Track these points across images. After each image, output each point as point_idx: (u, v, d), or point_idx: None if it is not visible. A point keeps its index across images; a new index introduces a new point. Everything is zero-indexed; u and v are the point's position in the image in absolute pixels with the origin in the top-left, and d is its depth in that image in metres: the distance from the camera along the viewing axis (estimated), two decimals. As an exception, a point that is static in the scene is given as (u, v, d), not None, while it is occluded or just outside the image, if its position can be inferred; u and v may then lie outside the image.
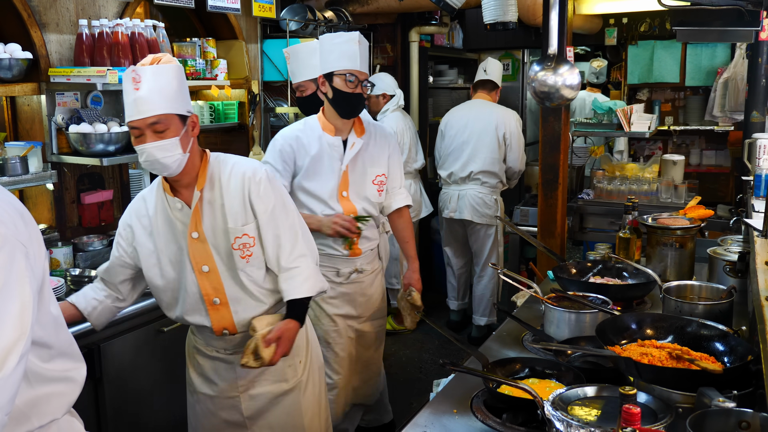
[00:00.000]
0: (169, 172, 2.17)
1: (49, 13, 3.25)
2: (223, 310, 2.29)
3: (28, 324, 1.27)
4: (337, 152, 3.04)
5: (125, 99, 2.12)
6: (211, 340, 2.39)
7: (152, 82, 2.07)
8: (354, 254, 3.12)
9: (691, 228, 2.95)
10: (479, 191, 5.04)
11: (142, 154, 2.13)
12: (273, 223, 2.29)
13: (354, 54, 2.92)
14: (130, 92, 2.09)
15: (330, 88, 2.96)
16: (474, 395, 1.99)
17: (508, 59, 7.25)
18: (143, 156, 2.13)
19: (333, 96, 2.96)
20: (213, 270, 2.27)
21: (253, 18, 4.53)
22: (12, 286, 1.26)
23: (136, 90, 2.07)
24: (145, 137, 2.11)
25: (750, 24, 4.21)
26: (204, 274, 2.27)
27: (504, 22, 4.15)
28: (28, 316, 1.27)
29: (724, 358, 1.91)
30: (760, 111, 5.14)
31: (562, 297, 2.46)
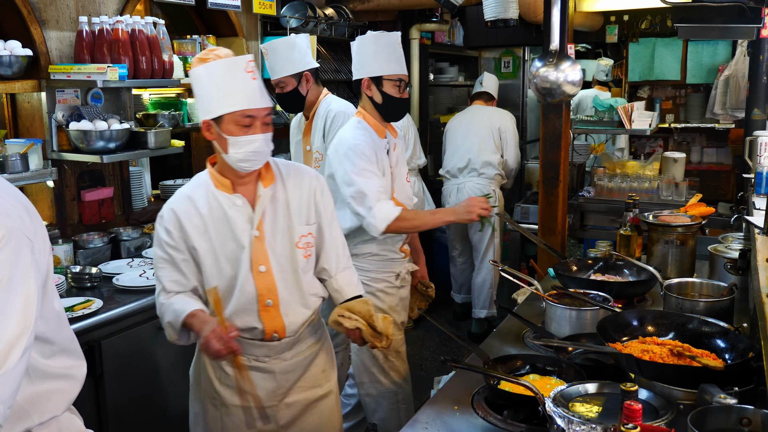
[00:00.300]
0: (260, 165, 2.15)
1: (49, 10, 3.25)
2: (273, 312, 2.23)
3: (32, 318, 1.27)
4: (385, 155, 3.00)
5: (232, 86, 2.04)
6: (251, 348, 2.25)
7: (258, 75, 2.10)
8: (407, 255, 3.15)
9: (692, 225, 2.95)
10: (477, 182, 5.19)
11: (251, 144, 2.07)
12: (334, 224, 2.34)
13: (401, 57, 2.95)
14: (246, 80, 2.05)
15: (378, 93, 2.92)
16: (475, 392, 1.99)
17: (509, 57, 7.24)
18: (253, 146, 2.07)
19: (382, 101, 2.92)
20: (268, 270, 2.21)
21: (254, 15, 4.52)
22: (17, 280, 1.26)
23: (254, 80, 2.07)
24: (254, 128, 2.07)
25: (751, 21, 4.21)
26: (261, 274, 2.20)
27: (505, 19, 4.15)
28: (32, 310, 1.27)
29: (725, 355, 1.91)
30: (761, 108, 5.14)
31: (563, 294, 2.46)
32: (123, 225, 3.68)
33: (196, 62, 2.11)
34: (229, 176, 2.17)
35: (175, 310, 2.15)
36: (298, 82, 3.39)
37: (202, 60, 2.10)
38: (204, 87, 2.08)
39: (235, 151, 2.07)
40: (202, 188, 2.19)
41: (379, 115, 2.97)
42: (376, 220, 2.84)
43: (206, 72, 2.06)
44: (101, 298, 2.87)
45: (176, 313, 2.14)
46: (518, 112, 7.20)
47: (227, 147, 2.08)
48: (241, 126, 2.05)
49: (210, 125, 2.09)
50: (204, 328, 2.07)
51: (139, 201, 3.88)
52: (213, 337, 2.04)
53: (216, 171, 2.19)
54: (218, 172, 2.19)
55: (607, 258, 2.92)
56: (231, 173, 2.16)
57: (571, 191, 4.76)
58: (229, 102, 2.04)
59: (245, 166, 2.11)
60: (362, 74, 2.94)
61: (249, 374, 2.24)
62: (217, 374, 2.29)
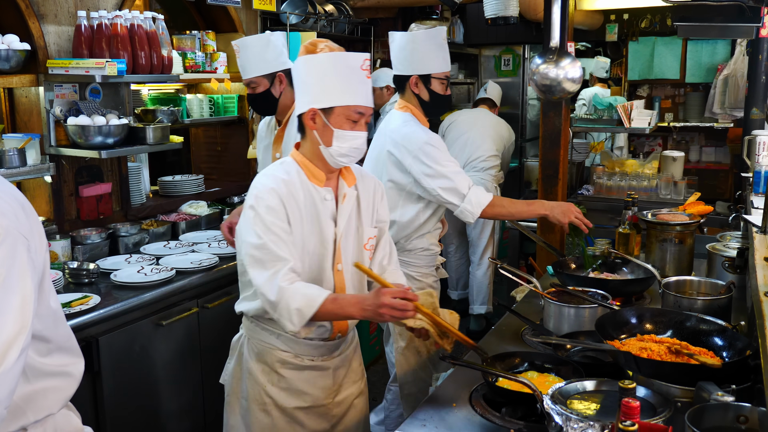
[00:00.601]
0: (355, 161, 2.15)
1: (47, 4, 3.24)
2: None
3: (29, 318, 1.26)
4: None
5: (350, 81, 2.04)
6: (311, 349, 2.21)
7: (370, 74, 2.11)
8: (441, 247, 3.23)
9: (691, 224, 2.95)
10: (479, 177, 5.16)
11: (356, 140, 2.07)
12: (387, 226, 2.36)
13: (447, 54, 2.98)
14: (361, 78, 2.05)
15: (426, 90, 2.98)
16: (473, 389, 1.98)
17: (509, 54, 7.23)
18: (357, 142, 2.07)
19: (429, 98, 2.99)
20: (342, 269, 2.19)
21: (254, 11, 4.51)
22: (13, 280, 1.25)
23: (368, 78, 2.07)
24: (360, 125, 2.08)
25: (751, 20, 4.21)
26: (338, 273, 2.18)
27: (505, 17, 4.16)
28: (29, 309, 1.27)
29: (722, 353, 1.91)
30: (759, 108, 5.14)
31: (561, 292, 2.46)
32: (121, 221, 3.67)
33: (308, 49, 2.12)
34: (321, 169, 2.13)
35: (306, 294, 2.00)
36: (271, 83, 3.15)
37: (314, 49, 2.09)
38: (319, 76, 2.05)
39: (339, 145, 2.06)
40: (294, 176, 2.11)
41: (422, 112, 3.03)
42: (472, 206, 2.92)
43: (327, 61, 2.04)
44: (99, 294, 2.87)
45: (309, 298, 1.99)
46: (518, 110, 7.20)
47: (332, 139, 2.06)
48: (350, 121, 2.05)
49: (317, 114, 2.06)
50: (367, 300, 1.97)
51: (138, 197, 3.87)
52: (387, 294, 1.94)
53: (307, 161, 2.14)
54: (314, 167, 2.13)
55: (606, 256, 2.93)
56: (323, 166, 2.13)
57: (570, 189, 4.77)
58: (346, 96, 2.04)
59: (343, 161, 2.10)
60: (410, 71, 2.98)
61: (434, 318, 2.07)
62: (270, 378, 2.20)
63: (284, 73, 3.14)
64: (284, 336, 2.17)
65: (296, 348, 2.19)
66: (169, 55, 3.49)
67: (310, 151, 2.13)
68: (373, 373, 4.37)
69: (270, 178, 2.10)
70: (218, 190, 4.40)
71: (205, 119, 4.29)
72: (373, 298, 1.96)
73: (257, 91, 3.15)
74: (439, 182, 2.92)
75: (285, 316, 1.99)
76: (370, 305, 1.96)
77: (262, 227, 2.02)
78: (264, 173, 2.14)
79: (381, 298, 1.94)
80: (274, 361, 2.20)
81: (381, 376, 4.24)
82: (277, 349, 2.20)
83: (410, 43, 2.96)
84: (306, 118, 2.08)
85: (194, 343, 3.16)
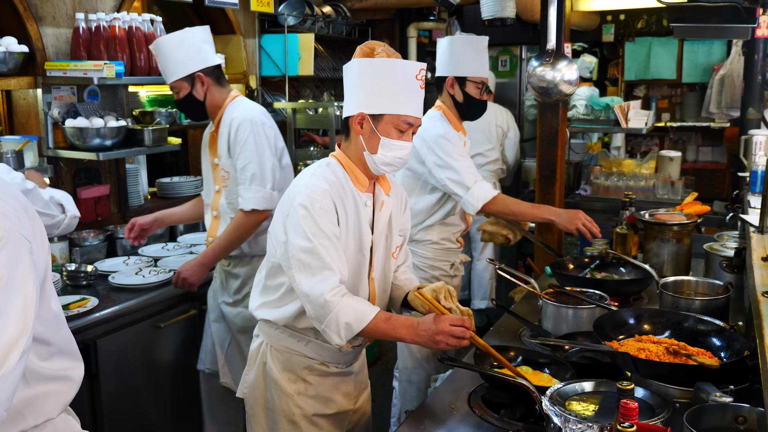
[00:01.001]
0: (397, 171, 2.13)
1: (45, 6, 3.24)
2: None
3: (31, 320, 1.26)
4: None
5: (405, 89, 2.00)
6: (338, 356, 2.16)
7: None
8: (461, 245, 3.30)
9: (688, 224, 2.96)
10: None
11: (402, 150, 2.03)
12: (408, 236, 2.35)
13: (486, 61, 3.08)
14: (414, 88, 2.01)
15: (461, 92, 3.07)
16: (472, 391, 1.99)
17: (506, 55, 7.23)
18: (403, 152, 2.03)
19: (463, 100, 3.08)
20: (374, 277, 2.17)
21: (251, 13, 4.51)
22: (15, 282, 1.25)
23: (422, 89, 2.03)
24: (407, 136, 2.04)
25: (746, 21, 4.22)
26: (372, 281, 2.16)
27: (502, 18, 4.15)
28: (31, 312, 1.26)
29: (720, 354, 1.92)
30: (756, 107, 5.15)
31: (559, 292, 2.46)
32: (119, 223, 3.67)
33: (365, 53, 2.06)
34: (364, 174, 2.10)
35: (357, 309, 1.94)
36: (192, 86, 2.89)
37: (370, 53, 2.04)
38: (373, 80, 2.00)
39: (384, 153, 2.02)
40: (340, 177, 2.06)
41: (457, 113, 3.13)
42: (474, 199, 2.99)
43: (383, 67, 1.99)
44: (97, 296, 2.86)
45: (359, 314, 1.93)
46: (516, 110, 7.20)
47: (377, 147, 2.02)
48: (397, 130, 2.02)
49: (365, 119, 2.02)
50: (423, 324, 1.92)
51: (136, 199, 3.87)
52: (446, 320, 1.90)
53: (352, 164, 2.09)
54: (359, 171, 2.09)
55: (603, 256, 2.93)
56: (366, 171, 2.09)
57: (567, 189, 4.77)
58: (400, 104, 2.00)
59: (386, 169, 2.06)
60: (447, 72, 3.09)
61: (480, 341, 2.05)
62: (297, 387, 2.14)
63: (205, 72, 2.90)
64: (313, 342, 2.12)
65: (324, 355, 2.14)
66: (166, 57, 3.49)
67: (354, 154, 2.08)
68: (373, 374, 4.37)
69: (320, 179, 2.01)
70: (216, 192, 4.39)
71: (203, 122, 4.28)
72: (431, 324, 1.91)
73: (180, 95, 2.94)
74: (448, 173, 3.01)
75: (333, 329, 1.93)
76: (426, 331, 1.91)
77: (314, 229, 1.95)
78: (312, 173, 2.05)
79: (440, 325, 1.89)
80: (301, 368, 2.14)
81: (381, 377, 4.25)
82: (304, 357, 2.14)
83: (450, 46, 3.10)
84: (353, 121, 2.04)
85: (192, 345, 3.16)
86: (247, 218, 2.87)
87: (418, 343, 1.95)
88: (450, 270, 3.26)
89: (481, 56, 3.08)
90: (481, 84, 3.07)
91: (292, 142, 4.83)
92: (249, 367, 2.23)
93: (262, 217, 2.88)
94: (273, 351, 2.16)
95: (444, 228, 3.20)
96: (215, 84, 2.93)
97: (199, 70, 2.87)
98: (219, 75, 2.97)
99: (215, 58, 2.96)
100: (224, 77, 3.00)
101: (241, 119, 2.86)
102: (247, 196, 2.85)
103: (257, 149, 2.85)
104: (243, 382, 2.25)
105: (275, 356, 2.16)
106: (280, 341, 2.15)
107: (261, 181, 2.84)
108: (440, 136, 3.03)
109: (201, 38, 2.91)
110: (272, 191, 2.87)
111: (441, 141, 3.02)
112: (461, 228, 3.26)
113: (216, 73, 2.95)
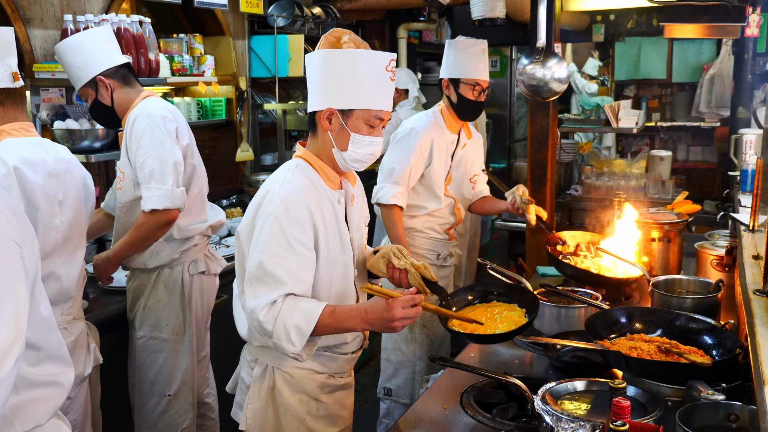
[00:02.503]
0: (366, 167, 2.02)
1: (33, 8, 3.22)
2: None
3: (23, 326, 1.24)
4: (451, 149, 3.24)
5: (375, 82, 1.90)
6: (344, 363, 2.08)
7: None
8: (452, 238, 3.34)
9: (679, 223, 2.97)
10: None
11: (372, 146, 1.93)
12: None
13: (482, 63, 3.13)
14: (385, 80, 1.91)
15: (455, 93, 3.14)
16: (464, 391, 1.98)
17: (497, 56, 7.25)
18: (373, 148, 1.94)
19: (457, 101, 3.14)
20: (356, 277, 2.08)
21: (241, 14, 4.50)
22: (7, 288, 1.23)
23: (393, 80, 1.94)
24: (377, 131, 1.94)
25: (736, 20, 4.24)
26: (356, 279, 2.07)
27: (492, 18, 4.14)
28: (23, 317, 1.25)
29: (712, 352, 1.92)
30: (746, 107, 5.18)
31: (551, 292, 2.46)
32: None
33: (330, 42, 1.94)
34: (333, 171, 1.99)
35: (304, 309, 1.81)
36: (96, 91, 2.69)
37: (336, 42, 1.94)
38: (340, 73, 1.89)
39: (354, 150, 1.92)
40: (312, 179, 1.94)
41: (454, 113, 3.21)
42: (376, 194, 3.13)
43: (351, 58, 1.88)
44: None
45: (307, 313, 1.81)
46: (506, 111, 7.22)
47: (347, 143, 1.91)
48: (368, 126, 1.92)
49: (334, 115, 1.90)
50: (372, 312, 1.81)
51: (126, 201, 3.84)
52: (398, 305, 1.78)
53: (322, 162, 1.97)
54: (329, 168, 1.98)
55: None
56: (334, 168, 1.98)
57: (558, 189, 4.78)
58: (371, 98, 1.90)
59: (356, 166, 1.97)
60: (444, 74, 3.20)
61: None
62: (308, 408, 2.02)
63: (107, 74, 2.68)
64: (323, 356, 2.02)
65: (332, 365, 2.05)
66: (156, 58, 3.48)
67: (323, 151, 1.96)
68: (364, 375, 4.36)
69: (293, 184, 1.89)
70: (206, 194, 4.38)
71: (193, 122, 4.27)
72: (381, 311, 1.80)
73: (90, 103, 2.74)
74: (388, 157, 3.18)
75: (284, 339, 1.80)
76: (378, 319, 1.81)
77: (279, 241, 1.83)
78: (283, 179, 1.91)
79: (393, 312, 1.78)
80: (314, 387, 2.01)
81: (372, 378, 4.23)
82: (315, 373, 2.02)
83: (448, 48, 3.19)
84: (321, 117, 1.92)
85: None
86: (148, 219, 2.61)
87: (372, 329, 1.89)
88: (436, 260, 3.29)
89: (476, 59, 3.13)
90: (474, 85, 3.12)
91: (282, 143, 4.82)
92: (253, 394, 2.04)
93: (165, 217, 2.61)
94: (281, 374, 2.01)
95: (430, 218, 3.26)
96: (122, 85, 2.72)
97: (100, 73, 2.67)
98: (125, 75, 2.73)
99: (118, 57, 2.73)
100: (132, 76, 2.76)
101: (138, 113, 2.65)
102: (147, 195, 2.60)
103: (154, 143, 2.60)
104: (245, 414, 2.04)
105: (285, 378, 2.01)
106: (286, 361, 1.98)
107: (161, 177, 2.59)
108: (411, 128, 3.17)
109: (100, 39, 2.70)
110: (174, 188, 2.61)
111: (408, 132, 3.16)
112: (449, 221, 3.30)
113: (121, 73, 2.72)
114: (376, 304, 1.82)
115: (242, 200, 4.46)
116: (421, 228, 3.26)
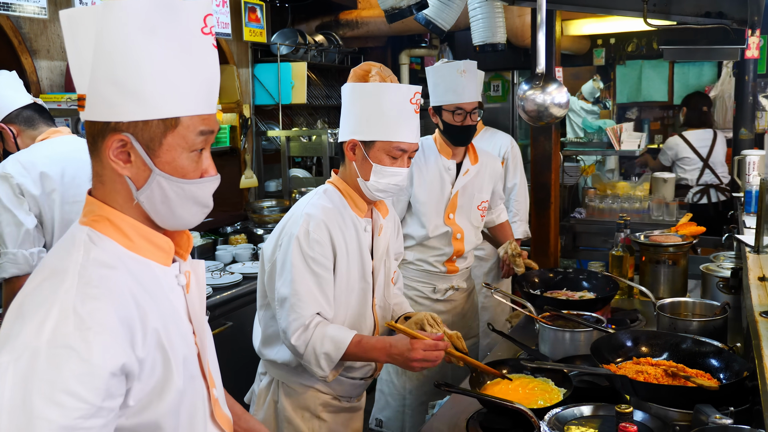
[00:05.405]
0: (393, 197, 2.11)
1: (39, 39, 3.26)
2: None
3: None
4: (450, 175, 3.04)
5: (398, 115, 1.95)
6: (351, 389, 2.13)
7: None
8: (451, 271, 3.10)
9: (684, 245, 2.95)
10: None
11: (395, 177, 1.99)
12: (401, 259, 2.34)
13: (460, 86, 2.92)
14: (408, 112, 1.97)
15: (440, 121, 3.00)
16: (470, 417, 1.96)
17: (498, 80, 7.31)
18: (396, 179, 2.00)
19: (444, 128, 2.99)
20: (376, 303, 2.13)
21: (244, 42, 4.55)
22: None
23: (416, 113, 1.99)
24: (401, 162, 2.00)
25: (735, 42, 4.27)
26: (375, 307, 2.12)
27: (493, 43, 4.20)
28: None
29: (719, 375, 1.90)
30: (748, 128, 5.19)
31: (556, 316, 2.45)
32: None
33: (359, 76, 2.02)
34: (362, 199, 2.06)
35: (334, 337, 1.91)
36: (2, 139, 2.62)
37: (365, 75, 2.00)
38: (364, 106, 1.97)
39: (376, 180, 1.98)
40: (338, 204, 2.02)
41: (446, 140, 3.05)
42: None
43: (374, 92, 1.96)
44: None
45: (336, 342, 1.90)
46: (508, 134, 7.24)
47: (369, 173, 1.98)
48: (390, 157, 1.98)
49: (357, 146, 1.99)
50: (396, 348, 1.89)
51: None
52: (420, 347, 1.85)
53: (351, 189, 2.05)
54: (358, 197, 2.05)
55: None
56: (362, 196, 2.05)
57: (562, 213, 4.77)
58: (391, 131, 1.95)
59: (380, 196, 2.03)
60: (430, 103, 3.05)
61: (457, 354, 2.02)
62: (311, 425, 2.08)
63: (7, 120, 2.59)
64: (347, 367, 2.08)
65: (338, 389, 2.10)
66: (160, 87, 3.50)
67: (351, 179, 2.04)
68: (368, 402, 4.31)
69: (317, 208, 1.98)
70: (211, 220, 4.39)
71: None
72: (404, 349, 1.88)
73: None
74: None
75: (313, 363, 1.92)
76: (400, 355, 1.89)
77: (301, 263, 1.92)
78: (308, 202, 2.01)
79: (413, 353, 1.86)
80: (316, 404, 2.07)
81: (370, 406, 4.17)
82: (319, 392, 2.08)
83: (428, 75, 3.06)
84: (346, 147, 2.01)
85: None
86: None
87: (394, 364, 1.97)
88: (432, 294, 3.09)
89: (454, 82, 2.93)
90: (455, 110, 2.92)
91: (286, 169, 4.85)
92: (257, 407, 2.13)
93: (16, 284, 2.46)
94: (286, 388, 2.09)
95: (423, 249, 3.04)
96: (26, 128, 2.62)
97: (1, 120, 2.59)
98: (29, 116, 2.62)
99: (20, 99, 2.61)
100: (38, 116, 2.63)
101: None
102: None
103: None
104: None
105: (289, 393, 2.08)
106: (292, 376, 2.07)
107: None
108: None
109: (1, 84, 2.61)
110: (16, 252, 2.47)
111: None
112: (444, 251, 3.05)
113: (24, 115, 2.61)
114: (400, 341, 1.91)
115: (246, 227, 4.46)
116: (411, 259, 3.07)
